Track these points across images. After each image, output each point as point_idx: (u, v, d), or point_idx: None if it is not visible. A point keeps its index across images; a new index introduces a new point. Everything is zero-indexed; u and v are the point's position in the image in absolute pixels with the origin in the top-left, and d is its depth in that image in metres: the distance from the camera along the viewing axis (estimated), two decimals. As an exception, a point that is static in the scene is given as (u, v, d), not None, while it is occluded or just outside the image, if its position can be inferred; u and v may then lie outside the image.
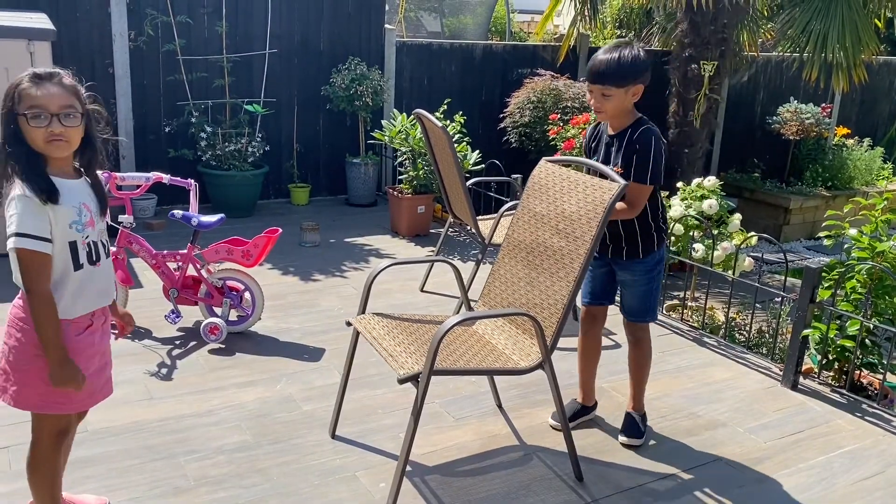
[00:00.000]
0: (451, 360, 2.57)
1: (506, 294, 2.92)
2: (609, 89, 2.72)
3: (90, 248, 2.08)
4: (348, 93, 6.38)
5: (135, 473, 2.71)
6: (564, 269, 2.69)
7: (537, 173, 2.95)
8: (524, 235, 2.91)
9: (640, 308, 3.04)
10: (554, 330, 2.66)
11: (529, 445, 3.05)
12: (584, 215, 2.66)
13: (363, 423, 3.12)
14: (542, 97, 6.77)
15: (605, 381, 3.63)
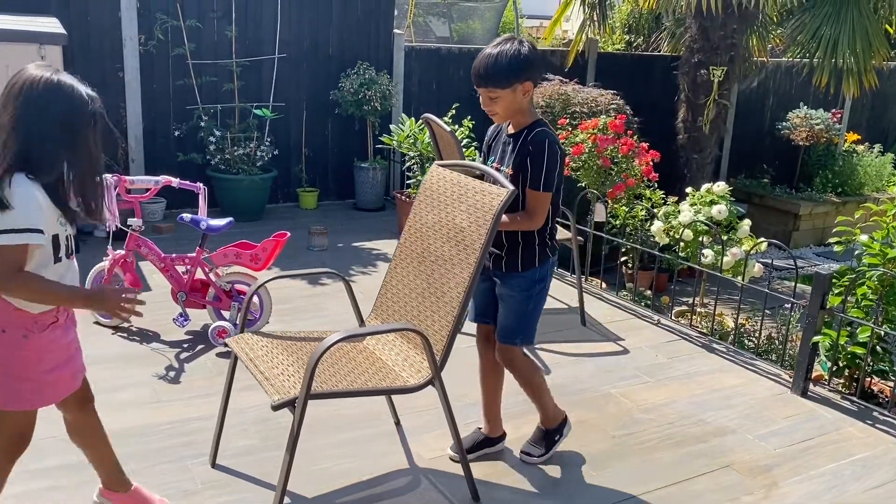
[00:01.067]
0: (335, 380, 2.41)
1: (398, 307, 2.73)
2: (494, 91, 2.54)
3: (68, 243, 2.08)
4: (357, 97, 6.39)
5: (142, 476, 2.70)
6: (454, 279, 2.51)
7: (428, 179, 2.77)
8: (415, 244, 2.72)
9: (512, 327, 2.75)
10: (444, 344, 2.48)
11: (537, 451, 3.03)
12: (474, 222, 2.50)
13: (372, 426, 3.11)
14: (550, 102, 6.76)
15: (614, 386, 3.62)
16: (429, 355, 2.44)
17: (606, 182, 5.23)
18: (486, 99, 2.59)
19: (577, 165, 5.23)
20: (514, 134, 2.66)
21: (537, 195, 2.57)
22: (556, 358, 3.90)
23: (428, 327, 2.57)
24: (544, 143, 2.55)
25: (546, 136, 2.57)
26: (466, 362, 3.22)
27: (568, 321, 4.43)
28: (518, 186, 2.58)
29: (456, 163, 2.76)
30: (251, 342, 2.61)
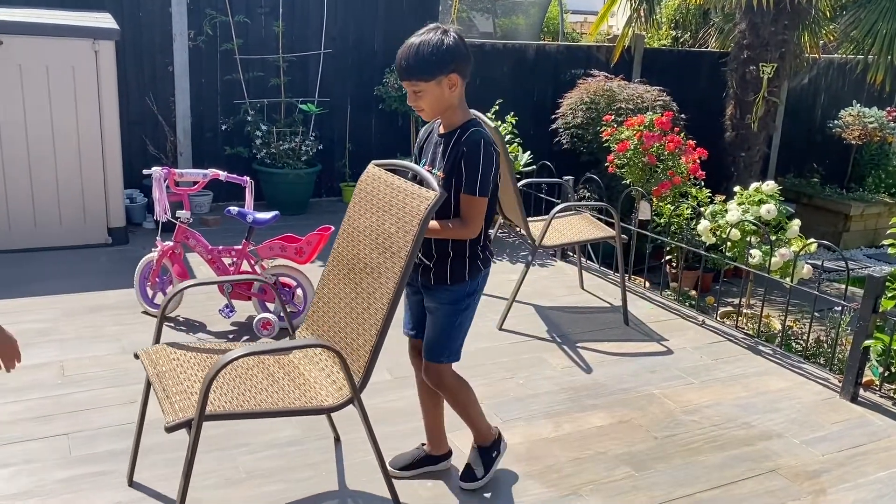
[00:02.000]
0: (242, 399, 2.25)
1: (327, 318, 2.55)
2: (417, 84, 2.33)
3: None
4: (401, 93, 6.41)
5: (197, 463, 2.75)
6: (380, 289, 2.33)
7: (363, 179, 2.56)
8: (347, 250, 2.54)
9: (437, 344, 2.55)
10: (367, 360, 2.30)
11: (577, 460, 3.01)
12: (401, 228, 2.30)
13: (414, 421, 3.13)
14: (595, 98, 6.70)
15: (657, 387, 3.58)
16: (346, 374, 2.27)
17: (651, 180, 5.16)
18: (410, 93, 2.38)
19: (621, 162, 5.17)
20: (445, 134, 2.45)
21: (472, 200, 2.37)
22: (598, 357, 3.87)
23: (353, 341, 2.38)
24: (478, 145, 2.35)
25: (480, 137, 2.36)
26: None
27: (610, 320, 4.39)
28: (450, 191, 2.39)
29: (391, 162, 2.56)
30: (163, 355, 2.47)
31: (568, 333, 4.15)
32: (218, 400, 2.21)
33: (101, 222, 5.11)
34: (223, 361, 2.09)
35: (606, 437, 3.12)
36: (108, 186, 5.06)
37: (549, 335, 4.12)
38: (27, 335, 3.70)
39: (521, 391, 3.47)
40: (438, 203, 2.24)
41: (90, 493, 2.56)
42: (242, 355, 2.14)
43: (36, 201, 4.91)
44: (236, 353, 2.11)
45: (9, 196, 4.83)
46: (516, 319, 4.25)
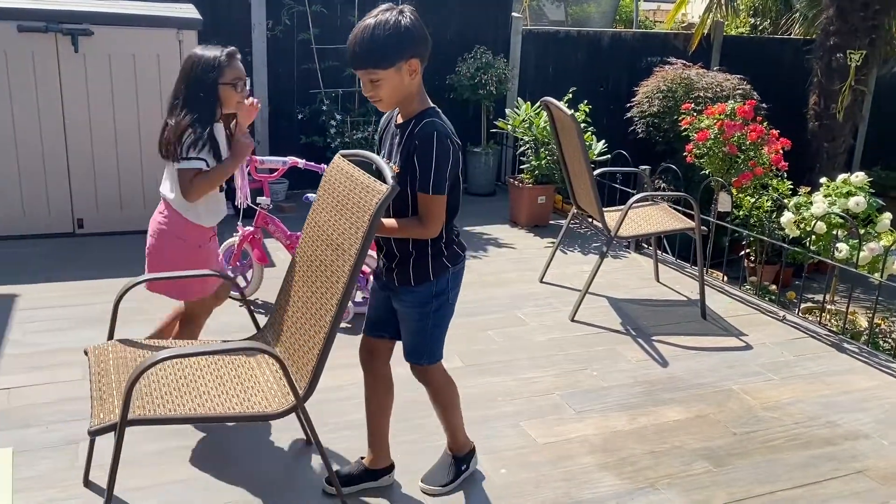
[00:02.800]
0: (181, 402, 2.15)
1: (287, 318, 2.43)
2: (374, 73, 2.12)
3: None
4: (473, 81, 6.40)
5: (271, 442, 2.84)
6: (331, 289, 2.18)
7: (328, 171, 2.42)
8: (307, 247, 2.41)
9: (413, 347, 2.43)
10: (313, 366, 2.16)
11: (610, 451, 2.96)
12: (353, 224, 2.14)
13: (487, 408, 3.13)
14: (672, 86, 6.56)
15: (736, 382, 3.49)
16: (287, 380, 2.15)
17: (731, 170, 5.02)
18: (366, 83, 2.15)
19: (700, 152, 5.04)
20: (401, 125, 2.26)
21: (427, 199, 2.18)
22: (675, 351, 3.79)
23: (304, 344, 2.26)
24: (432, 137, 2.15)
25: (434, 129, 2.16)
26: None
27: (687, 314, 4.29)
28: (406, 187, 2.22)
29: (355, 153, 2.40)
30: (109, 352, 2.40)
31: (643, 326, 4.08)
32: (151, 403, 2.11)
33: (183, 207, 5.26)
34: (144, 365, 1.97)
35: (683, 431, 3.06)
36: (189, 173, 5.21)
37: (624, 327, 4.06)
38: (119, 314, 3.85)
39: (595, 383, 3.44)
40: (390, 198, 2.04)
41: (179, 466, 2.65)
42: (165, 358, 2.01)
43: (122, 186, 5.09)
44: (160, 356, 1.99)
45: (98, 181, 5.03)
46: (589, 311, 4.21)
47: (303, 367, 2.22)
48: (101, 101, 4.90)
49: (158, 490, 2.52)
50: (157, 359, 2.00)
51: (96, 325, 3.73)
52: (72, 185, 4.97)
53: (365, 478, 2.58)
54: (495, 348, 3.67)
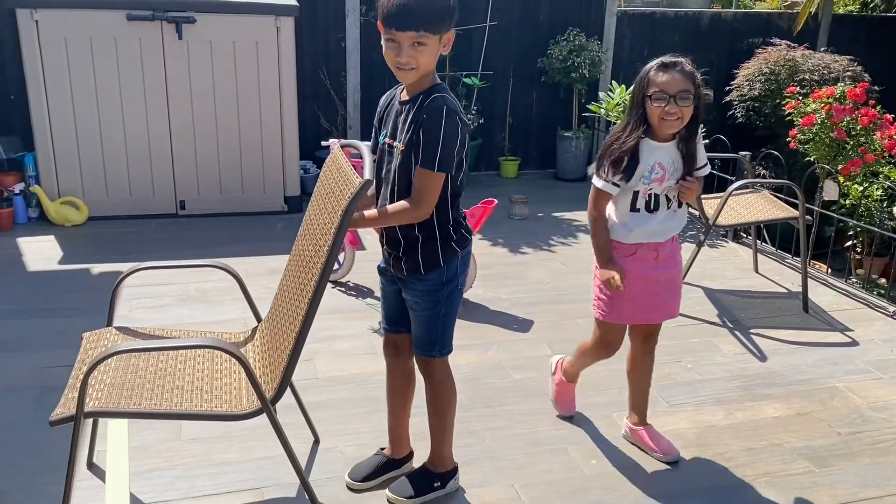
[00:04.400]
0: (147, 396, 2.06)
1: (273, 313, 2.34)
2: (424, 36, 2.01)
3: (649, 199, 2.53)
4: (565, 64, 6.29)
5: (359, 422, 2.89)
6: (306, 287, 2.08)
7: (327, 161, 2.33)
8: (301, 239, 2.33)
9: (424, 338, 2.32)
10: (283, 367, 2.07)
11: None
12: (331, 218, 2.05)
13: (577, 398, 3.09)
14: (775, 69, 6.26)
15: (840, 380, 3.32)
16: (250, 380, 2.02)
17: (839, 157, 4.75)
18: (407, 47, 2.02)
19: (805, 138, 4.80)
20: (408, 101, 2.16)
21: (427, 175, 2.07)
22: (774, 345, 3.64)
23: (280, 343, 2.17)
24: (441, 111, 2.05)
25: (444, 103, 2.07)
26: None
27: (788, 306, 4.11)
28: (411, 165, 2.12)
29: (350, 142, 2.33)
30: (100, 339, 2.36)
31: (740, 318, 3.93)
32: (119, 395, 2.05)
33: (279, 191, 5.41)
34: (98, 357, 1.91)
35: (782, 428, 2.94)
36: (285, 157, 5.35)
37: (720, 319, 3.92)
38: (215, 293, 4.01)
39: (689, 376, 3.34)
40: (362, 193, 1.95)
41: (270, 442, 2.73)
42: (117, 352, 1.97)
43: (222, 171, 5.27)
44: (113, 350, 1.94)
45: (199, 166, 5.22)
46: (684, 302, 4.00)
47: (276, 367, 2.13)
48: (202, 87, 5.07)
49: (247, 465, 2.60)
50: (112, 352, 1.93)
51: (193, 304, 3.88)
52: (175, 168, 5.18)
53: (389, 467, 2.54)
54: (584, 337, 3.61)
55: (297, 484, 2.53)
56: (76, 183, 5.04)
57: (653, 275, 2.59)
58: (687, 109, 2.41)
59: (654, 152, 2.48)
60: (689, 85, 2.39)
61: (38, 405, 2.92)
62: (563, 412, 2.97)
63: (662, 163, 2.49)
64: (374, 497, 2.48)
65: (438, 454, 2.47)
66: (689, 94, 2.39)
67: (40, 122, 4.88)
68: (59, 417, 1.97)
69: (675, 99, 2.37)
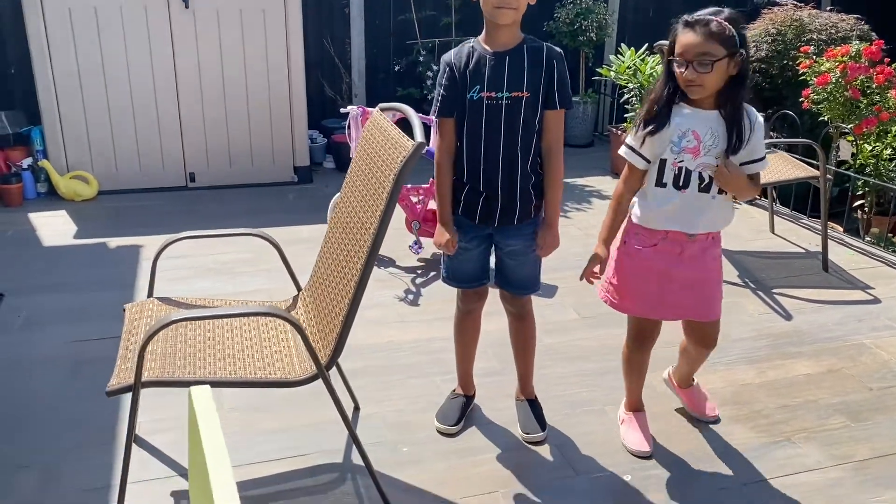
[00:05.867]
0: (200, 365, 2.07)
1: (319, 281, 2.34)
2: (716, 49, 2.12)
3: (678, 172, 2.23)
4: (572, 28, 6.23)
5: (397, 388, 2.90)
6: (359, 251, 2.09)
7: (368, 125, 2.37)
8: (344, 205, 2.33)
9: (531, 278, 2.49)
10: (337, 333, 2.08)
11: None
12: (382, 182, 2.07)
13: (606, 360, 3.11)
14: (781, 29, 6.20)
15: (866, 336, 3.35)
16: (306, 346, 2.02)
17: (853, 116, 4.74)
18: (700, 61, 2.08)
19: (819, 98, 4.78)
20: (506, 52, 2.23)
21: (562, 115, 2.30)
22: (797, 304, 3.66)
23: (331, 309, 2.17)
24: (562, 55, 2.28)
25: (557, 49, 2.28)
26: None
27: (807, 266, 4.13)
28: (535, 109, 2.25)
29: (394, 106, 2.36)
30: (144, 310, 2.37)
31: (762, 279, 3.95)
32: (172, 365, 2.05)
33: (288, 161, 5.36)
34: (154, 328, 1.91)
35: (815, 385, 2.97)
36: (294, 127, 5.30)
37: (742, 280, 3.94)
38: (234, 265, 3.98)
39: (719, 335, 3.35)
40: (416, 156, 1.99)
41: (310, 410, 2.73)
42: (173, 321, 1.95)
43: (231, 142, 5.21)
44: (169, 320, 1.92)
45: (208, 138, 5.16)
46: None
47: (327, 333, 2.13)
48: (209, 57, 4.99)
49: (290, 433, 2.61)
50: (167, 321, 1.92)
51: (214, 276, 3.86)
52: (184, 140, 5.12)
53: (468, 404, 2.74)
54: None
55: (342, 449, 2.54)
56: (85, 157, 4.97)
57: (672, 273, 2.32)
58: (708, 76, 2.09)
59: (689, 118, 2.20)
60: (710, 47, 2.07)
61: (73, 378, 2.91)
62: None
63: (698, 132, 2.19)
64: (419, 458, 2.49)
65: (532, 385, 2.72)
66: (709, 57, 2.07)
67: (47, 95, 4.80)
68: (117, 388, 1.97)
69: (693, 64, 2.08)
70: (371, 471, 2.24)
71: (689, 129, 2.20)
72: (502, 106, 2.24)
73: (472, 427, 2.67)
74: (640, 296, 2.39)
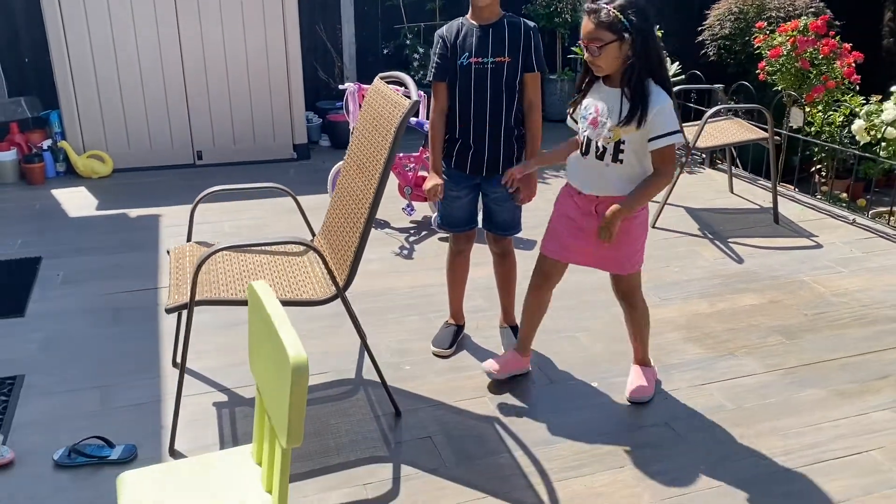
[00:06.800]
0: (238, 289, 2.48)
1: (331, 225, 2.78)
2: None
3: (584, 140, 2.53)
4: (548, 10, 6.66)
5: (395, 325, 3.34)
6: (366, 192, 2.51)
7: (369, 92, 2.80)
8: (353, 157, 2.76)
9: (512, 221, 2.96)
10: (350, 261, 2.49)
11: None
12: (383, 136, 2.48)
13: (581, 296, 3.57)
14: (744, 8, 6.67)
15: (807, 275, 3.83)
16: (327, 271, 2.49)
17: (804, 86, 5.21)
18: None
19: (773, 69, 5.24)
20: (489, 24, 2.69)
21: (538, 77, 2.75)
22: (749, 250, 4.14)
23: (344, 243, 2.58)
24: (535, 28, 2.73)
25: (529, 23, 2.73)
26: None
27: (761, 219, 4.61)
28: (518, 72, 2.70)
29: (391, 74, 2.82)
30: (186, 251, 2.79)
31: (719, 231, 4.42)
32: (217, 289, 2.47)
33: (287, 139, 5.78)
34: (206, 254, 2.34)
35: (758, 313, 3.45)
36: (292, 106, 5.70)
37: (701, 232, 4.41)
38: (247, 230, 4.41)
39: (677, 277, 3.83)
40: (412, 111, 2.39)
41: (323, 339, 3.17)
42: (222, 249, 2.38)
43: (235, 122, 5.62)
44: (217, 248, 2.36)
45: (213, 118, 5.56)
46: (669, 218, 4.57)
47: (343, 262, 2.55)
48: (213, 42, 5.39)
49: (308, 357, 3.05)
50: (216, 249, 2.37)
51: (232, 238, 4.28)
52: (191, 121, 5.52)
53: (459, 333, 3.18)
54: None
55: (353, 369, 2.99)
56: (100, 137, 5.37)
57: (581, 223, 2.59)
58: (601, 59, 2.34)
59: (597, 94, 2.49)
60: (599, 33, 2.31)
61: (114, 323, 3.34)
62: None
63: (598, 106, 2.46)
64: (419, 375, 2.94)
65: (514, 314, 3.16)
66: (597, 43, 2.31)
67: (63, 80, 5.19)
68: (175, 305, 2.39)
69: (589, 48, 2.35)
70: (383, 380, 2.69)
71: (594, 103, 2.48)
72: (488, 69, 2.70)
73: (463, 351, 3.13)
74: (553, 237, 2.69)
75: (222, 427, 2.64)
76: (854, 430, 2.61)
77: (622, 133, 2.42)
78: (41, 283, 3.71)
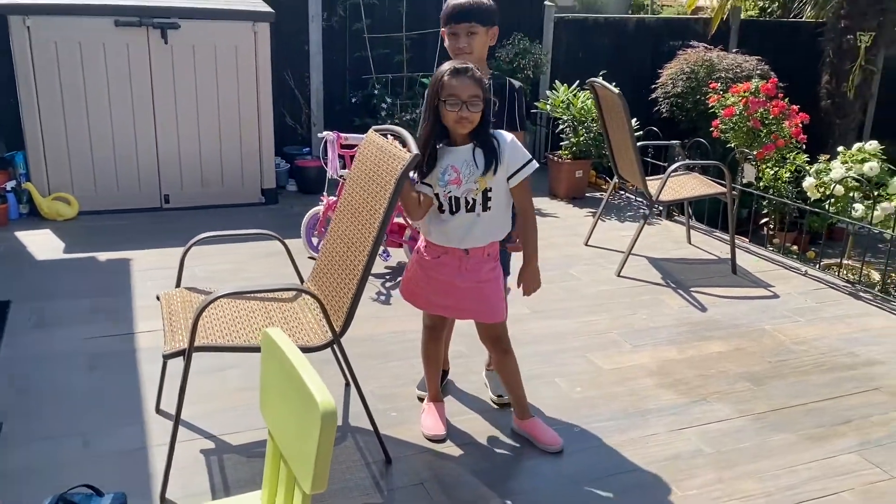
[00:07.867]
0: (234, 335, 2.51)
1: (324, 271, 2.81)
2: (475, 26, 2.75)
3: (450, 201, 2.58)
4: (511, 66, 6.90)
5: (379, 371, 3.38)
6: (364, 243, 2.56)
7: (363, 144, 2.85)
8: (342, 208, 2.84)
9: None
10: (347, 307, 2.54)
11: (702, 369, 3.50)
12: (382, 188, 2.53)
13: (557, 344, 3.68)
14: (695, 68, 7.05)
15: (768, 323, 4.02)
16: (325, 317, 2.53)
17: (755, 143, 5.53)
18: (462, 36, 2.75)
19: (726, 127, 5.55)
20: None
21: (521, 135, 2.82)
22: (712, 299, 4.33)
23: (340, 289, 2.61)
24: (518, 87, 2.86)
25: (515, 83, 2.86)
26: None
27: (719, 269, 4.83)
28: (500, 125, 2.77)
29: (386, 127, 2.88)
30: (177, 296, 2.82)
31: (681, 280, 4.61)
32: (213, 334, 2.50)
33: (256, 184, 5.81)
34: (208, 300, 2.37)
35: (725, 360, 3.60)
36: (262, 152, 5.75)
37: (664, 281, 4.59)
38: (223, 273, 4.41)
39: (645, 324, 3.98)
40: (413, 163, 2.44)
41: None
42: (223, 295, 2.43)
43: (204, 166, 5.63)
44: (218, 294, 2.40)
45: (182, 162, 5.57)
46: (632, 268, 4.74)
47: (339, 308, 2.59)
48: (185, 88, 5.43)
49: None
50: (218, 295, 2.40)
51: (204, 285, 4.27)
52: (160, 164, 5.51)
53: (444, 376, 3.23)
54: (555, 298, 4.21)
55: (340, 416, 3.01)
56: (66, 179, 5.31)
57: (454, 282, 2.65)
58: (476, 114, 2.47)
59: (448, 155, 2.56)
60: (478, 90, 2.45)
61: (91, 369, 3.30)
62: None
63: (455, 165, 2.55)
64: (406, 420, 2.98)
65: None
66: (478, 98, 2.45)
67: (31, 123, 5.14)
68: (173, 351, 2.40)
69: (467, 104, 2.44)
70: (375, 426, 2.72)
71: (448, 164, 2.56)
72: None
73: (448, 396, 3.19)
74: (421, 295, 2.76)
75: (212, 474, 2.63)
76: (825, 473, 2.75)
77: (487, 181, 2.54)
78: (12, 328, 3.64)
